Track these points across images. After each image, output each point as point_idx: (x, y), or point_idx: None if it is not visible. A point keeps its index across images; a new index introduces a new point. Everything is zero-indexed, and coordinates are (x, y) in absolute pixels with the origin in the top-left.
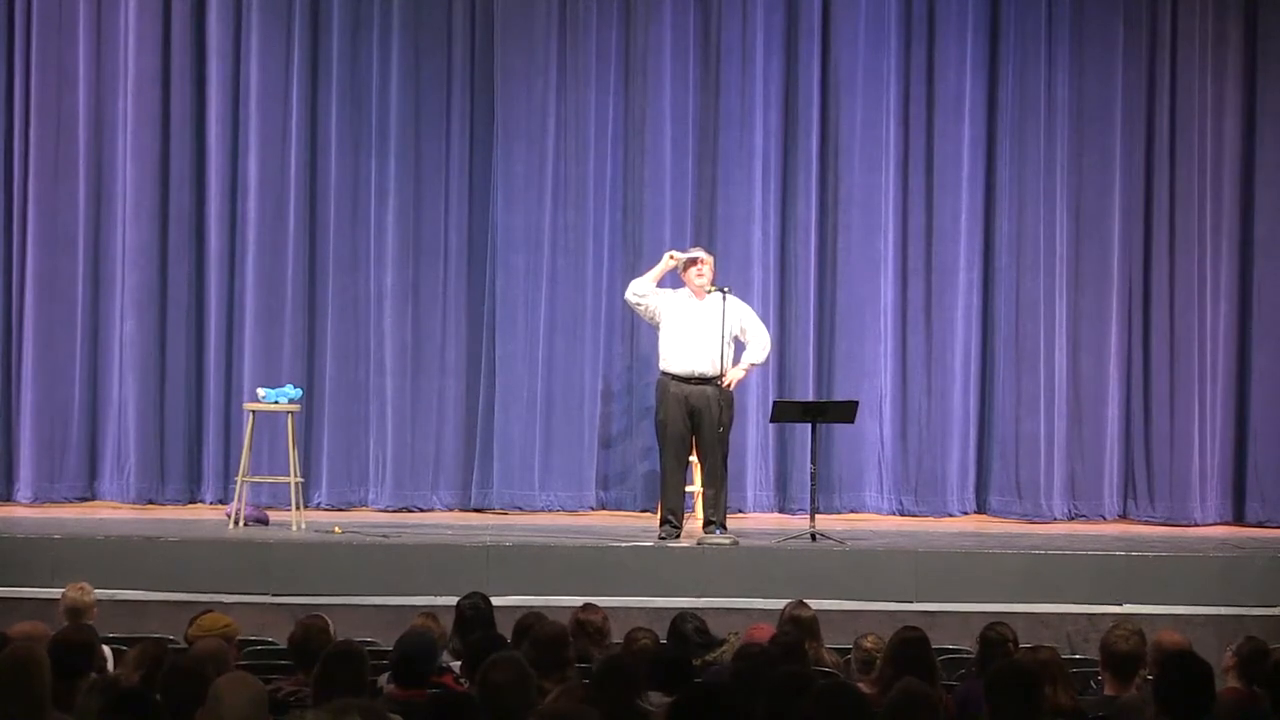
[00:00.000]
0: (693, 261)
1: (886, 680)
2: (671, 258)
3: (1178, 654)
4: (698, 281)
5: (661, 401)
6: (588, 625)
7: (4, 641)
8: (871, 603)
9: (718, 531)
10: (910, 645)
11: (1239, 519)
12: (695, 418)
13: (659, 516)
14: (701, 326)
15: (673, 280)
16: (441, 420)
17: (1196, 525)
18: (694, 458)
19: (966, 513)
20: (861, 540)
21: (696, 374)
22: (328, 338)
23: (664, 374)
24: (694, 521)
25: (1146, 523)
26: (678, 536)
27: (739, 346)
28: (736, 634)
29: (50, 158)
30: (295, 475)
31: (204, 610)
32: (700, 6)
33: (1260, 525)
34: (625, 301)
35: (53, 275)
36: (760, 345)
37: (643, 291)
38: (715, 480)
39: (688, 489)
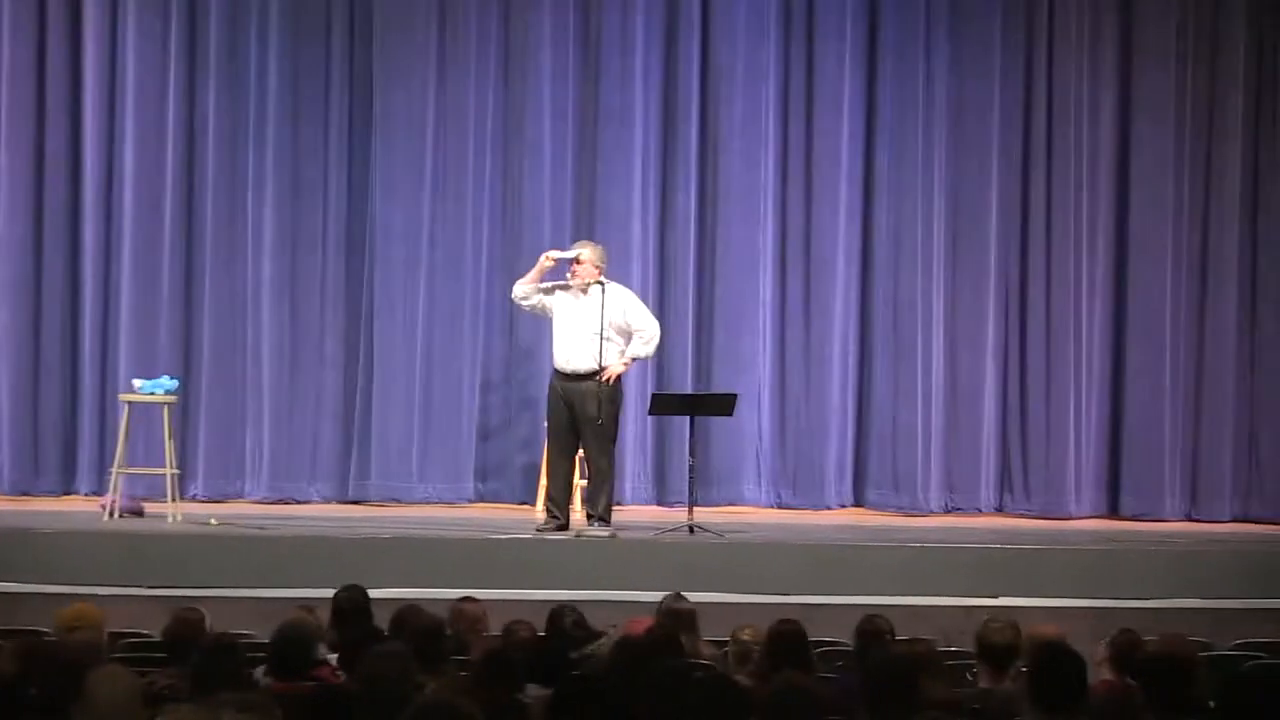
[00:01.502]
0: (568, 262)
1: (764, 673)
2: (549, 259)
3: (1050, 645)
4: (572, 282)
5: (547, 396)
6: (466, 617)
7: None
8: (750, 595)
9: (597, 525)
10: (786, 638)
11: (1113, 512)
12: (573, 411)
13: (542, 508)
14: (579, 322)
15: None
16: (319, 412)
17: (1071, 518)
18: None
19: (844, 506)
20: (740, 533)
21: (571, 370)
22: (205, 329)
23: (552, 369)
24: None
25: (1022, 516)
26: (559, 528)
27: (629, 339)
28: (615, 627)
29: None
30: (171, 467)
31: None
32: None
33: (1134, 518)
34: (512, 301)
35: None
36: (644, 339)
37: (522, 294)
38: (593, 475)
39: (581, 483)
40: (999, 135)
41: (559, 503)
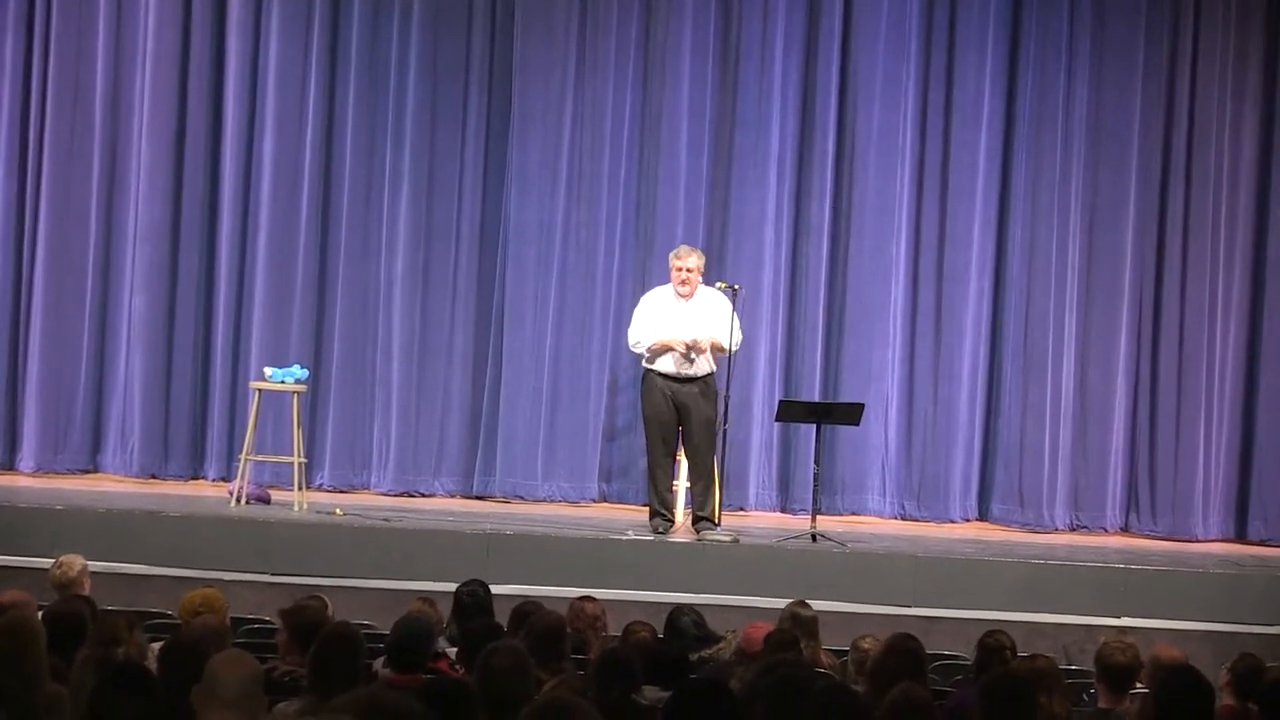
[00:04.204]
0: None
1: (879, 684)
2: (684, 345)
3: (1181, 668)
4: (680, 289)
5: (647, 396)
6: (585, 616)
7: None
8: (870, 606)
9: (716, 529)
10: (902, 649)
11: (1240, 536)
12: (682, 413)
13: (649, 510)
14: (692, 327)
15: (662, 276)
16: (446, 407)
17: (1198, 541)
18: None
19: (968, 519)
20: (862, 543)
21: (687, 374)
22: (336, 321)
23: (649, 371)
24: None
25: (1148, 536)
26: (669, 528)
27: None
28: (734, 631)
29: (66, 132)
30: (299, 455)
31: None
32: (721, 5)
33: (1261, 543)
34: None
35: (64, 249)
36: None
37: (642, 349)
38: (702, 476)
39: (675, 484)
40: (1138, 152)
41: (668, 503)
